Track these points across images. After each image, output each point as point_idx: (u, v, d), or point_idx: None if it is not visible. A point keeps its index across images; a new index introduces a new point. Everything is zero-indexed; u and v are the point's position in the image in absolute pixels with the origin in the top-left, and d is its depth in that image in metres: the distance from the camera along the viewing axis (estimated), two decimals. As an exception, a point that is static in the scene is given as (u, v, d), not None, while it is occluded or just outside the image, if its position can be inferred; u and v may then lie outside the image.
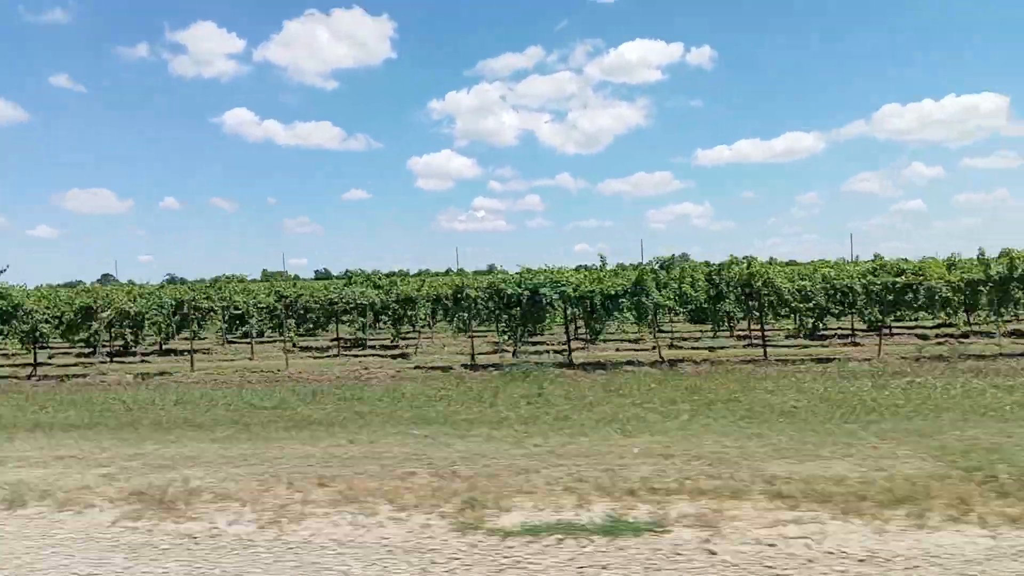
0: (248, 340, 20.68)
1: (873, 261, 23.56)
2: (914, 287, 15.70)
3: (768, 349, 15.47)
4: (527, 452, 6.97)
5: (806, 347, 16.60)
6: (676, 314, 19.55)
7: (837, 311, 16.25)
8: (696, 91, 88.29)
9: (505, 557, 4.20)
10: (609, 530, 4.59)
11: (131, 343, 19.22)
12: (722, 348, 17.01)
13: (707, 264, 19.29)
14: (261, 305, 20.83)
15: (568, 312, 15.44)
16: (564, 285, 14.90)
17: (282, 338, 19.78)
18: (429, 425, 8.70)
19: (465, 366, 14.96)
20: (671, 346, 17.73)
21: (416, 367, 15.08)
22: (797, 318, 17.77)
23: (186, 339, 19.69)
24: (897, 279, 16.01)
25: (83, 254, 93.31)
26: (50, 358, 19.65)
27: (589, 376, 12.96)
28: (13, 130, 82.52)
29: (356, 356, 17.86)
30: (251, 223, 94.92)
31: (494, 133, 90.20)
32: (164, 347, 20.87)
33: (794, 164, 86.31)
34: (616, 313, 14.79)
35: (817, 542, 4.28)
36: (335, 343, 19.79)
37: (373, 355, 18.00)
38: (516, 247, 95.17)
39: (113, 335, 18.50)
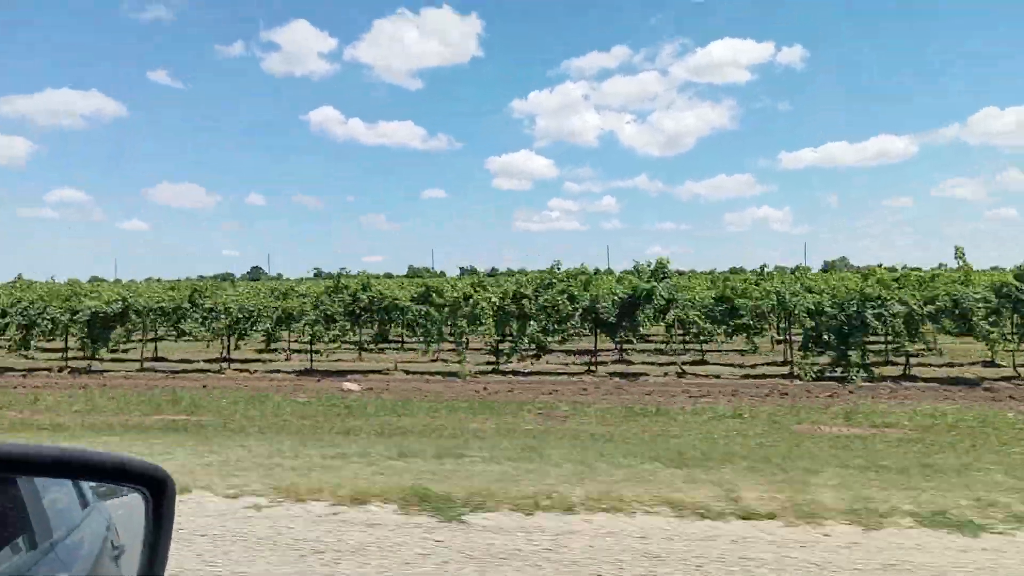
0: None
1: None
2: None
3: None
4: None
5: None
6: None
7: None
8: (784, 92, 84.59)
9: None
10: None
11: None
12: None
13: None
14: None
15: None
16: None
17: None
18: None
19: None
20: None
21: None
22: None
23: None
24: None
25: (171, 248, 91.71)
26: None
27: None
28: (112, 124, 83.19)
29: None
30: (329, 220, 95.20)
31: (575, 133, 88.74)
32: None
33: (882, 168, 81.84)
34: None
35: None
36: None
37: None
38: (588, 248, 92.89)
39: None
